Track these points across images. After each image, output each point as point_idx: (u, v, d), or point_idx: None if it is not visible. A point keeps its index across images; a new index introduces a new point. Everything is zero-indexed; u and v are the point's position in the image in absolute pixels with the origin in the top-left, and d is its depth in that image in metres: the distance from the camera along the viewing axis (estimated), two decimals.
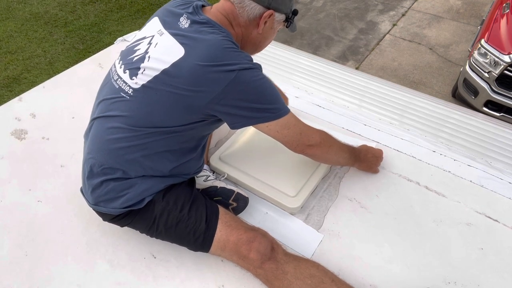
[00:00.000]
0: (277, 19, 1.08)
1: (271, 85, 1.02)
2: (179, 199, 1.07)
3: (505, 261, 1.12)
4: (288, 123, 1.05)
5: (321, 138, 1.12)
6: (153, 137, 1.00)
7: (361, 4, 4.85)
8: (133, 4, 4.84)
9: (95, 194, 1.06)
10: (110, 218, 1.08)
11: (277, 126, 1.03)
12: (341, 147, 1.22)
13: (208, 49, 0.95)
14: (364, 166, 1.34)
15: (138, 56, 1.02)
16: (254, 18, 1.05)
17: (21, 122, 1.57)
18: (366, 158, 1.32)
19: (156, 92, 0.97)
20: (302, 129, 1.08)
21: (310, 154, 1.15)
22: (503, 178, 1.37)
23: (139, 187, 1.04)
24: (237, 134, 1.42)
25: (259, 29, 1.07)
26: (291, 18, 1.11)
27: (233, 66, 0.93)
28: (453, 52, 3.99)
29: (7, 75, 3.66)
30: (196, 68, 0.93)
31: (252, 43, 1.12)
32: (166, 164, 1.06)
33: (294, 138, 1.07)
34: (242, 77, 0.94)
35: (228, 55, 0.95)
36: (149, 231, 1.08)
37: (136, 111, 0.99)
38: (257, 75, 0.97)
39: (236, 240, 1.02)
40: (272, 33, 1.13)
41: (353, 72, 1.93)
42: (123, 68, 1.04)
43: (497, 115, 2.92)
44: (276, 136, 1.06)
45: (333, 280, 0.99)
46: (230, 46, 0.97)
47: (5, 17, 4.49)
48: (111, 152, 1.02)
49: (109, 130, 1.03)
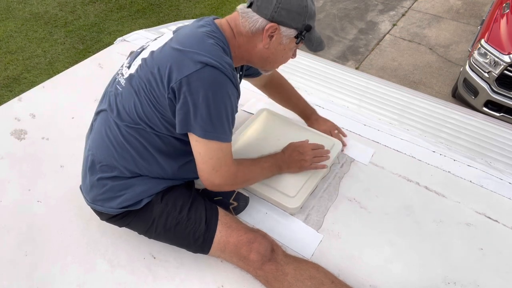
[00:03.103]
0: (284, 34, 1.01)
1: (230, 103, 0.95)
2: (178, 201, 1.06)
3: (505, 261, 1.12)
4: (214, 152, 0.96)
5: (234, 181, 1.05)
6: (141, 134, 1.01)
7: (361, 4, 4.85)
8: (133, 4, 4.84)
9: (93, 192, 1.06)
10: (108, 217, 1.08)
11: (204, 148, 0.96)
12: (258, 176, 1.17)
13: (187, 36, 0.97)
14: (293, 168, 1.26)
15: (140, 50, 1.07)
16: (257, 31, 1.00)
17: (21, 122, 1.57)
18: (293, 160, 1.24)
19: (137, 80, 0.99)
20: (221, 167, 0.99)
21: (218, 191, 1.11)
22: (503, 178, 1.37)
23: (137, 188, 1.04)
24: (237, 134, 1.42)
25: (264, 43, 1.01)
26: (303, 34, 1.02)
27: (202, 57, 0.91)
28: (453, 52, 3.99)
29: (7, 75, 3.66)
30: (169, 51, 0.95)
31: (259, 56, 1.07)
32: (160, 166, 1.05)
33: (208, 171, 0.98)
34: (208, 72, 0.90)
35: (202, 47, 0.93)
36: (147, 232, 1.08)
37: (125, 103, 1.01)
38: (222, 81, 0.92)
39: (236, 242, 1.02)
40: (282, 49, 1.05)
41: (353, 72, 1.93)
42: (128, 63, 1.07)
43: (497, 115, 2.92)
44: (196, 157, 0.98)
45: (333, 281, 0.99)
46: (211, 42, 0.95)
47: (5, 17, 4.49)
48: (109, 149, 1.03)
49: (107, 125, 1.04)
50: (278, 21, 0.98)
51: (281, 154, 1.25)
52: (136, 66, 1.01)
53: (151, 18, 4.59)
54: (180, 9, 4.80)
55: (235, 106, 1.00)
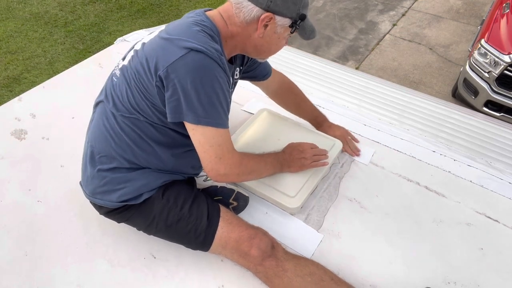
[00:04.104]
0: (279, 24, 1.00)
1: (219, 86, 0.94)
2: (180, 197, 1.07)
3: (505, 261, 1.12)
4: (213, 139, 0.95)
5: (239, 170, 1.03)
6: (136, 124, 1.02)
7: (361, 4, 4.85)
8: (133, 4, 4.84)
9: (93, 185, 1.07)
10: (106, 211, 1.08)
11: (202, 136, 0.95)
12: (262, 170, 1.16)
13: (174, 26, 0.99)
14: (294, 167, 1.26)
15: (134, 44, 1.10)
16: (252, 21, 0.99)
17: (21, 122, 1.57)
18: (293, 158, 1.25)
19: (129, 70, 1.00)
20: (224, 154, 0.98)
21: (223, 181, 1.10)
22: (503, 178, 1.37)
23: (137, 182, 1.04)
24: (237, 133, 1.42)
25: (259, 32, 1.01)
26: (297, 24, 1.02)
27: (186, 43, 0.91)
28: (453, 52, 3.99)
29: (7, 75, 3.65)
30: (157, 40, 0.97)
31: (253, 46, 1.07)
32: (157, 156, 1.06)
33: (212, 160, 0.97)
34: (193, 56, 0.90)
35: (187, 33, 0.94)
36: (148, 228, 1.08)
37: (119, 93, 1.03)
38: (208, 64, 0.91)
39: (237, 237, 1.02)
40: (276, 38, 1.05)
41: (353, 72, 1.93)
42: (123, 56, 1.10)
43: (497, 115, 2.92)
44: (197, 147, 0.98)
45: (332, 278, 1.00)
46: (196, 29, 0.95)
47: (5, 17, 4.49)
48: (107, 139, 1.04)
49: (104, 116, 1.05)
50: (274, 10, 0.98)
51: (282, 153, 1.25)
52: (129, 58, 1.03)
53: (151, 18, 4.59)
54: (180, 9, 4.80)
55: (227, 90, 0.98)
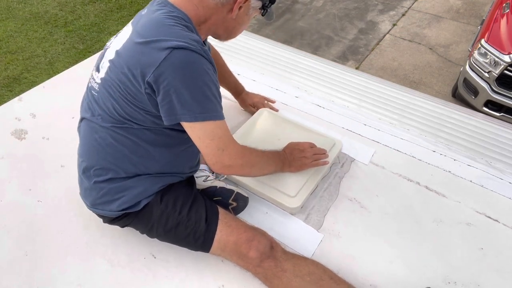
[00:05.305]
0: (253, 6, 1.02)
1: (209, 78, 0.92)
2: (178, 201, 1.06)
3: (505, 261, 1.12)
4: (213, 133, 0.95)
5: (243, 161, 1.03)
6: (130, 132, 0.99)
7: (361, 4, 4.85)
8: (133, 4, 4.84)
9: (92, 197, 1.06)
10: (109, 220, 1.08)
11: (201, 131, 0.94)
12: (264, 165, 1.15)
13: (146, 25, 0.93)
14: (295, 167, 1.26)
15: (103, 51, 1.05)
16: (228, 2, 0.98)
17: (21, 122, 1.57)
18: (294, 158, 1.25)
19: (110, 82, 0.96)
20: (226, 146, 0.98)
21: (228, 173, 1.08)
22: (503, 178, 1.37)
23: (134, 189, 1.03)
24: (237, 134, 1.42)
25: (233, 14, 1.00)
26: (268, 6, 1.05)
27: (167, 43, 0.87)
28: (453, 52, 3.99)
29: (7, 75, 3.65)
30: (133, 47, 0.92)
31: (225, 27, 1.05)
32: (155, 159, 1.04)
33: (215, 153, 0.97)
34: (177, 55, 0.87)
35: (164, 31, 0.89)
36: (148, 233, 1.09)
37: (104, 106, 0.99)
38: (194, 59, 0.89)
39: (236, 240, 1.02)
40: (247, 19, 1.07)
41: (353, 72, 1.93)
42: (96, 66, 1.05)
43: (497, 115, 2.92)
44: (197, 143, 0.97)
45: (331, 277, 1.00)
46: (170, 24, 0.91)
47: (5, 17, 4.49)
48: (99, 152, 1.02)
49: (93, 131, 1.03)
50: None
51: (283, 153, 1.25)
52: (106, 69, 0.98)
53: None
54: None
55: (216, 80, 0.97)
